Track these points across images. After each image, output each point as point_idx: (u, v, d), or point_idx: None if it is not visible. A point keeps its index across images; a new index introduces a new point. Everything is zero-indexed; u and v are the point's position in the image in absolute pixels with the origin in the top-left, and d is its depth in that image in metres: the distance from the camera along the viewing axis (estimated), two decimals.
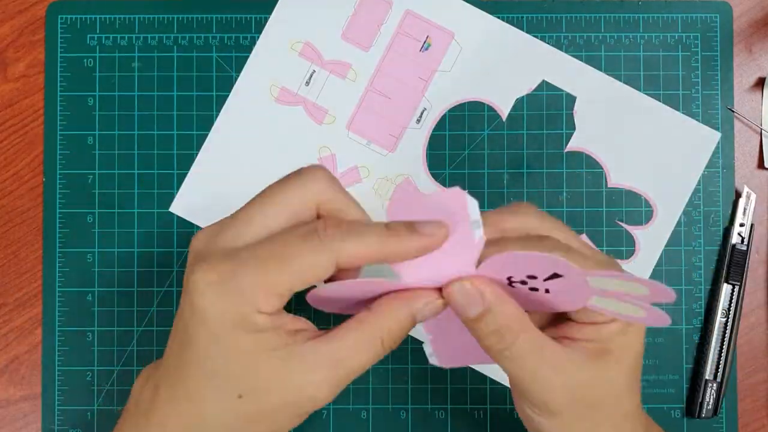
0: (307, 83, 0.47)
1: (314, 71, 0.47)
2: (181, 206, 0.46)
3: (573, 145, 0.46)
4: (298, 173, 0.28)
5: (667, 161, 0.46)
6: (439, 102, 0.47)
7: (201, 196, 0.46)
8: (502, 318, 0.27)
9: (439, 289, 0.28)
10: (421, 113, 0.46)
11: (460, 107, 0.47)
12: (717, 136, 0.46)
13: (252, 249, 0.26)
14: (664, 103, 0.46)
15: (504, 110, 0.46)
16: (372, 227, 0.26)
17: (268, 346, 0.26)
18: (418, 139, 0.46)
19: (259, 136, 0.47)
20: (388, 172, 0.46)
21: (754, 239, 0.46)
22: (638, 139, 0.46)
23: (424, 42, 0.47)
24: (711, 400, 0.44)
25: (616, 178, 0.46)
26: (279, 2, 0.47)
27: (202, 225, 0.46)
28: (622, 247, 0.46)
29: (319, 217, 0.28)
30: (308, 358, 0.27)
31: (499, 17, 0.47)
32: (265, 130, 0.47)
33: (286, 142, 0.46)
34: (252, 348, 0.26)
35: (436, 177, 0.46)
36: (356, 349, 0.27)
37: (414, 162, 0.46)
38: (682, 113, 0.46)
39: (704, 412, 0.44)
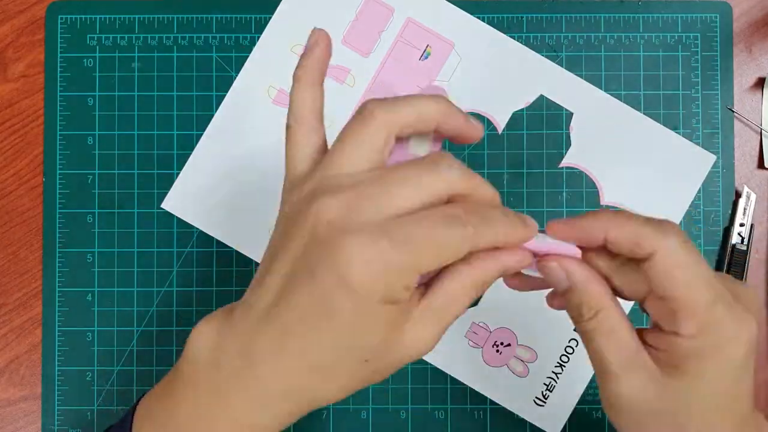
0: None
1: None
2: (173, 203, 0.46)
3: (568, 161, 0.46)
4: (431, 161, 0.29)
5: (662, 181, 0.46)
6: None
7: (193, 195, 0.46)
8: (585, 296, 0.29)
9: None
10: None
11: None
12: (712, 159, 0.46)
13: (404, 229, 0.27)
14: (664, 103, 0.46)
15: (500, 123, 0.46)
16: (499, 217, 0.29)
17: (396, 315, 0.28)
18: None
19: (254, 136, 0.47)
20: None
21: (754, 239, 0.46)
22: (634, 159, 0.46)
23: (424, 51, 0.47)
24: None
25: (609, 197, 0.46)
26: (281, 4, 0.47)
27: (194, 223, 0.46)
28: None
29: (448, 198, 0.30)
30: (419, 317, 0.29)
31: (499, 17, 0.47)
32: (260, 130, 0.47)
33: (281, 144, 0.46)
34: (387, 318, 0.28)
35: None
36: (454, 299, 0.29)
37: None
38: (682, 113, 0.46)
39: None
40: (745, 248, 0.45)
